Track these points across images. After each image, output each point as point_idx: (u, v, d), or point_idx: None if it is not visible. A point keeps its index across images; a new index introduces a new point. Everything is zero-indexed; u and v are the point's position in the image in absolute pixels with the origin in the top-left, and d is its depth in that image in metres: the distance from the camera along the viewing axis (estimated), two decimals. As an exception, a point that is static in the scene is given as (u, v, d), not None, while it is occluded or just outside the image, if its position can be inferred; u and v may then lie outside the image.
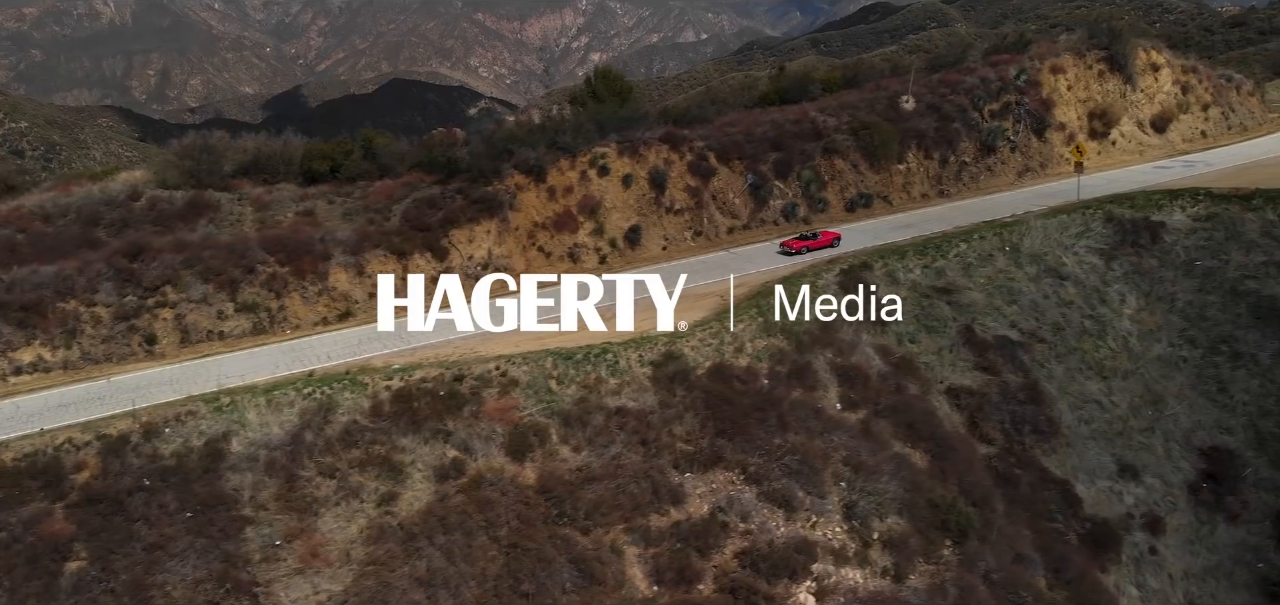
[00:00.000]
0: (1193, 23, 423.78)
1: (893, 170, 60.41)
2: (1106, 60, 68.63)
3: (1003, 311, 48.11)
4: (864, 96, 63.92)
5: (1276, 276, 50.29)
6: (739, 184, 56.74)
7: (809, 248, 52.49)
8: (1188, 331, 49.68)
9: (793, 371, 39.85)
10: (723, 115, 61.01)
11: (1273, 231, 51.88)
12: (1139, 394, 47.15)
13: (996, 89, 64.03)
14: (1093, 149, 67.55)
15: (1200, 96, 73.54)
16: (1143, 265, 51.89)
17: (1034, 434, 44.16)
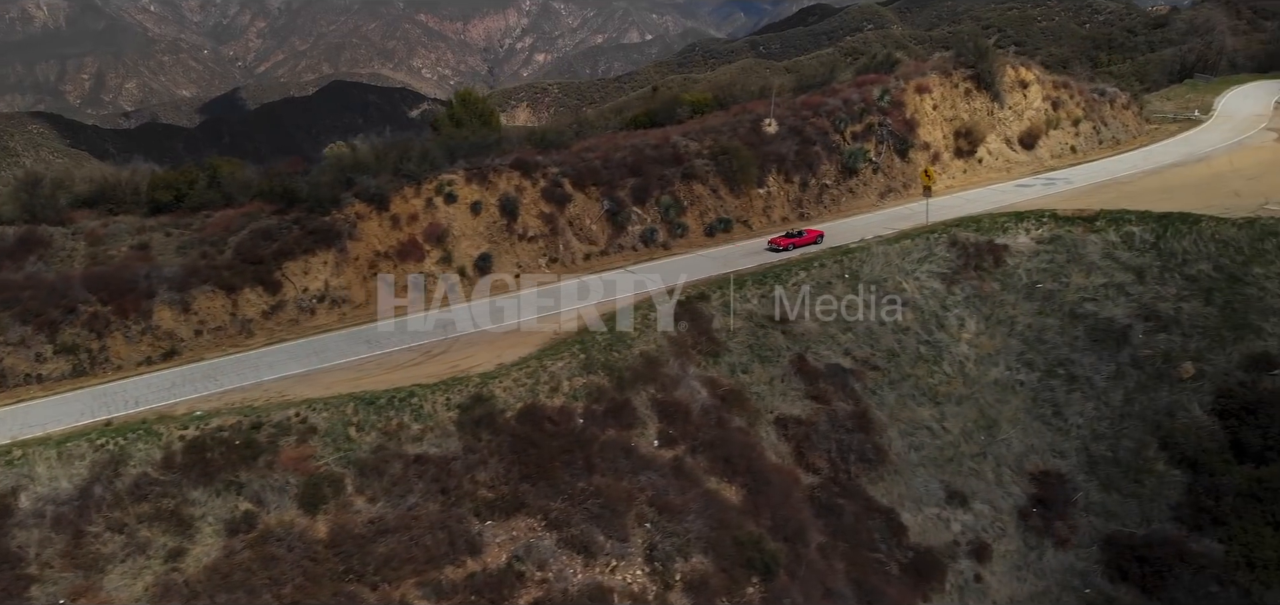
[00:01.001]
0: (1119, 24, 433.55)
1: (753, 194, 60.22)
2: (974, 78, 69.21)
3: (837, 339, 48.06)
4: (729, 119, 63.66)
5: (1115, 298, 50.95)
6: (596, 209, 56.09)
7: (795, 244, 54.44)
8: (1026, 355, 50.09)
9: (610, 409, 39.25)
10: (583, 139, 60.30)
11: (1113, 253, 52.58)
12: (972, 419, 47.40)
13: (859, 110, 64.16)
14: (959, 168, 68.16)
15: (1071, 112, 74.59)
16: (984, 289, 52.24)
17: (861, 462, 44.14)
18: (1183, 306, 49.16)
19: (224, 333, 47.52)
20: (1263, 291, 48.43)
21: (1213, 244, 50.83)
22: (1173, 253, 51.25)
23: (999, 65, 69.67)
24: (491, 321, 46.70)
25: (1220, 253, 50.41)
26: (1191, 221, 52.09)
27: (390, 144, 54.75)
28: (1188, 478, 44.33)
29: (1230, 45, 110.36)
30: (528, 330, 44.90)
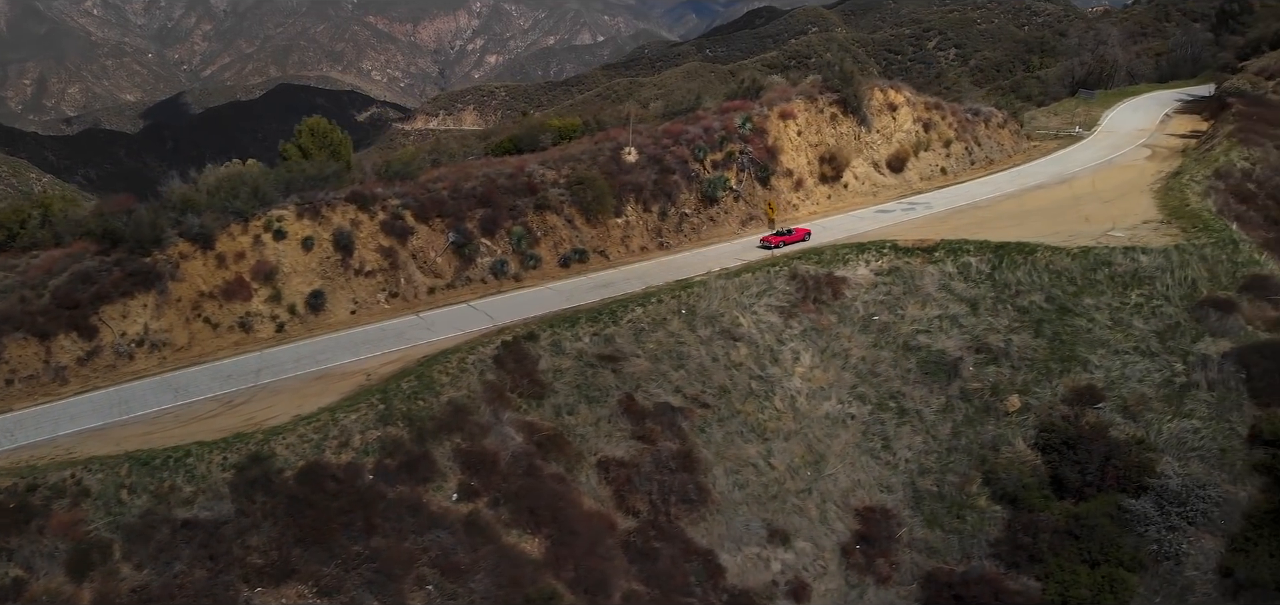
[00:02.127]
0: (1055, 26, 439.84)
1: (610, 224, 59.33)
2: (840, 103, 68.98)
3: (669, 377, 47.32)
4: (590, 147, 62.73)
5: (948, 330, 50.80)
6: (441, 242, 54.82)
7: (785, 243, 57.33)
8: (858, 388, 49.75)
9: (405, 464, 38.07)
10: (433, 169, 59.05)
11: (949, 284, 52.47)
12: (800, 455, 46.91)
13: (720, 139, 63.57)
14: (823, 193, 67.90)
15: (943, 133, 74.73)
16: (821, 322, 51.86)
17: (682, 503, 43.39)
18: (1013, 338, 49.13)
19: (37, 381, 45.46)
20: (1092, 323, 48.53)
21: (1046, 274, 50.90)
22: (1007, 284, 51.25)
23: (866, 89, 69.49)
24: (312, 364, 45.25)
25: (1053, 283, 50.48)
26: (1027, 251, 52.14)
27: (222, 179, 52.89)
28: (1008, 513, 44.18)
29: (1123, 57, 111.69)
30: (343, 373, 43.56)
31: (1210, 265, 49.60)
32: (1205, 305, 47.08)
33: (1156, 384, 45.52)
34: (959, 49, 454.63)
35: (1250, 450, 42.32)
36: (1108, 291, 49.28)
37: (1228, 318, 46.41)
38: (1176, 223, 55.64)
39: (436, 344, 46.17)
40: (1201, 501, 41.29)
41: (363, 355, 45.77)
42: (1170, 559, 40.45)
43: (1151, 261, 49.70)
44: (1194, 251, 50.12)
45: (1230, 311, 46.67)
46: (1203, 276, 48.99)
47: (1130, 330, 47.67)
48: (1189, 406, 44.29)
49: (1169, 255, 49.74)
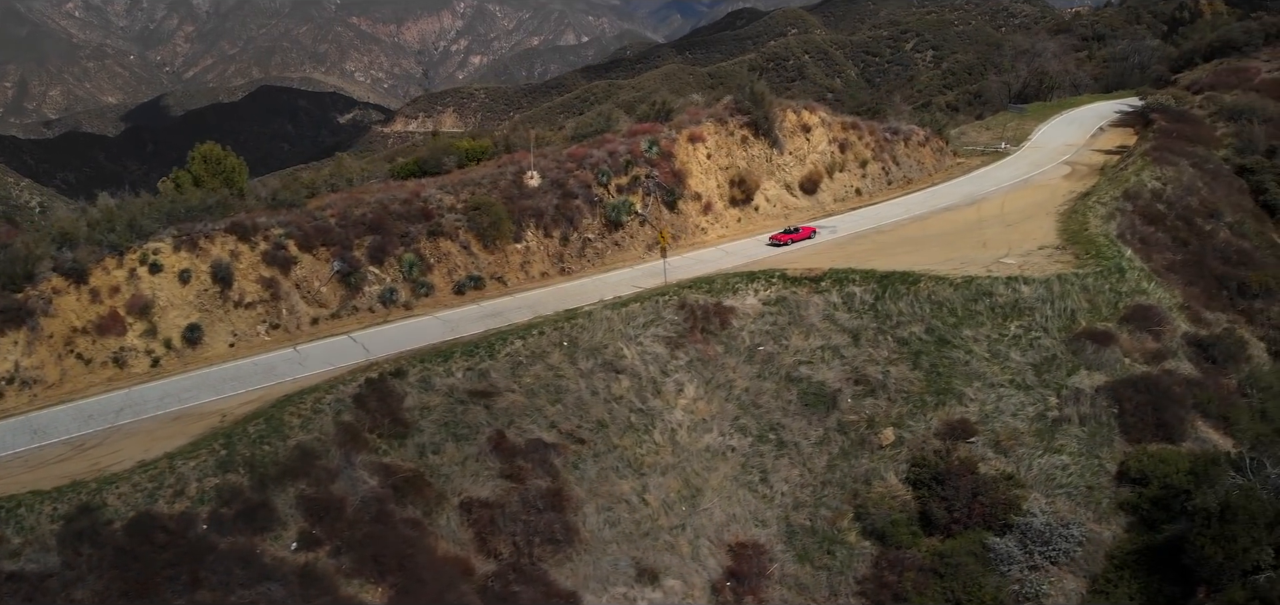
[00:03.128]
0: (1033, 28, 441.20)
1: (509, 250, 58.66)
2: (750, 125, 68.44)
3: (544, 412, 46.67)
4: (492, 171, 62.07)
5: (830, 361, 50.31)
6: (326, 271, 54.07)
7: (793, 240, 61.86)
8: (740, 420, 49.23)
9: (242, 512, 37.28)
10: (331, 193, 58.28)
11: (833, 314, 51.98)
12: (676, 490, 46.36)
13: (625, 162, 62.97)
14: (733, 216, 67.36)
15: (859, 153, 74.28)
16: (707, 352, 51.33)
17: (547, 543, 42.69)
18: (891, 370, 48.66)
19: (-101, 422, 44.59)
20: (969, 355, 48.09)
21: (928, 305, 50.44)
22: (889, 314, 50.78)
23: (777, 111, 68.96)
24: (176, 403, 44.46)
25: (933, 314, 50.02)
26: (911, 281, 51.68)
27: (103, 211, 52.03)
28: (877, 550, 43.69)
29: (1057, 68, 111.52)
30: (201, 414, 42.74)
31: (1091, 295, 49.22)
32: (1082, 337, 46.69)
33: (1030, 418, 45.11)
34: (936, 51, 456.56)
35: (1117, 488, 41.94)
36: (987, 323, 48.84)
37: (1104, 350, 46.02)
38: (1071, 249, 55.29)
39: (303, 380, 45.40)
40: (1065, 541, 40.84)
41: (227, 393, 44.98)
42: (1031, 600, 40.00)
43: (1032, 292, 49.28)
44: (1076, 281, 49.73)
45: (1107, 344, 46.29)
46: (1083, 307, 48.60)
47: (1007, 363, 47.26)
48: (1060, 442, 43.88)
49: (1050, 285, 49.33)
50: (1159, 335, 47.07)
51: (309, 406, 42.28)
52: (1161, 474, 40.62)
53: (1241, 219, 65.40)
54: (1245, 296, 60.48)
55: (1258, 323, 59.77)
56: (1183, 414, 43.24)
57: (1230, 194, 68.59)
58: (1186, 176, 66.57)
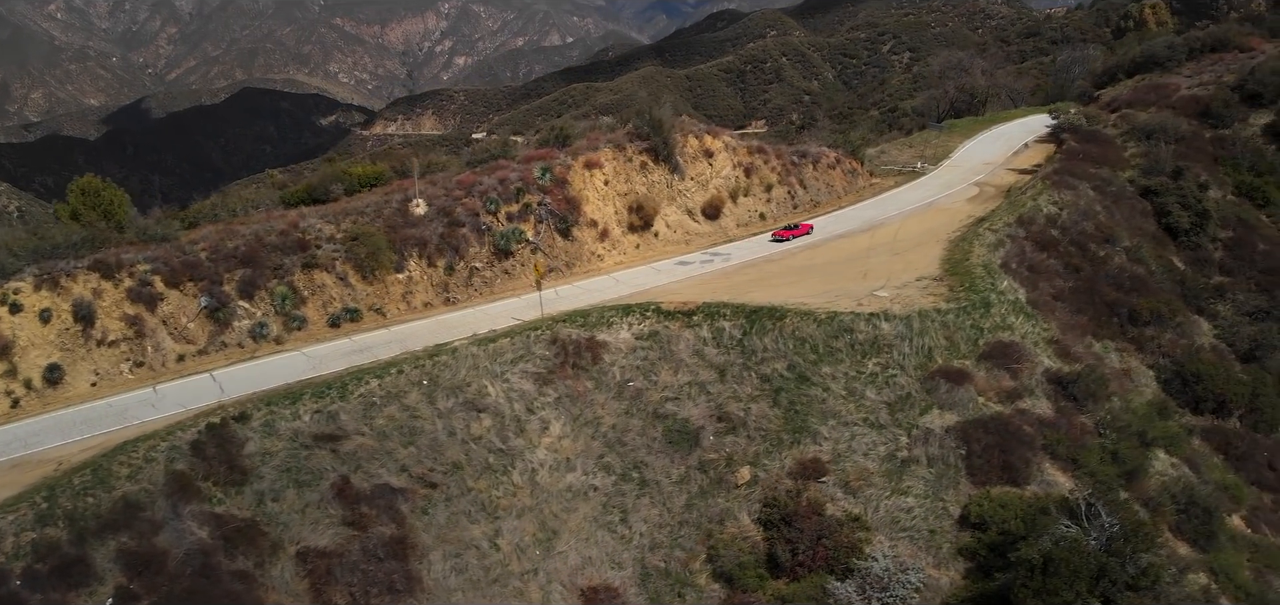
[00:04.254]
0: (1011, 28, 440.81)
1: (389, 280, 58.06)
2: (650, 151, 67.96)
3: (395, 455, 46.06)
4: (378, 198, 61.48)
5: (695, 398, 49.86)
6: (194, 307, 53.41)
7: (793, 236, 66.77)
8: (605, 458, 48.71)
9: (58, 568, 36.60)
10: (210, 225, 57.64)
11: (702, 350, 51.53)
12: (531, 533, 45.80)
13: (516, 190, 62.40)
14: (632, 243, 66.88)
15: (764, 177, 73.87)
16: (577, 388, 50.81)
17: (387, 594, 42.02)
18: (753, 407, 48.25)
19: None
20: (826, 393, 47.69)
21: (791, 341, 50.02)
22: (754, 350, 50.36)
23: (678, 137, 68.48)
24: (21, 448, 43.76)
25: (796, 350, 49.61)
26: (778, 316, 51.25)
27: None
28: (725, 592, 43.28)
29: (984, 84, 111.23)
30: (40, 461, 42.01)
31: (951, 332, 48.86)
32: (936, 376, 46.33)
33: (880, 458, 44.74)
34: (913, 53, 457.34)
35: (959, 532, 41.60)
36: (847, 360, 48.44)
37: (957, 389, 45.65)
38: (948, 280, 54.94)
39: (150, 424, 44.68)
40: (902, 587, 40.40)
41: (73, 438, 44.29)
42: (867, 646, 39.62)
43: (892, 329, 48.89)
44: (936, 318, 49.36)
45: (961, 383, 45.92)
46: (940, 344, 48.23)
47: (862, 401, 46.88)
48: (907, 483, 43.53)
49: (910, 322, 48.95)
50: (1016, 373, 46.72)
51: (142, 454, 41.61)
52: (1000, 519, 40.28)
53: (1139, 244, 65.20)
54: (1136, 324, 60.37)
55: (1148, 350, 59.71)
56: (1030, 456, 42.91)
57: (1132, 217, 68.38)
58: (1084, 201, 66.29)
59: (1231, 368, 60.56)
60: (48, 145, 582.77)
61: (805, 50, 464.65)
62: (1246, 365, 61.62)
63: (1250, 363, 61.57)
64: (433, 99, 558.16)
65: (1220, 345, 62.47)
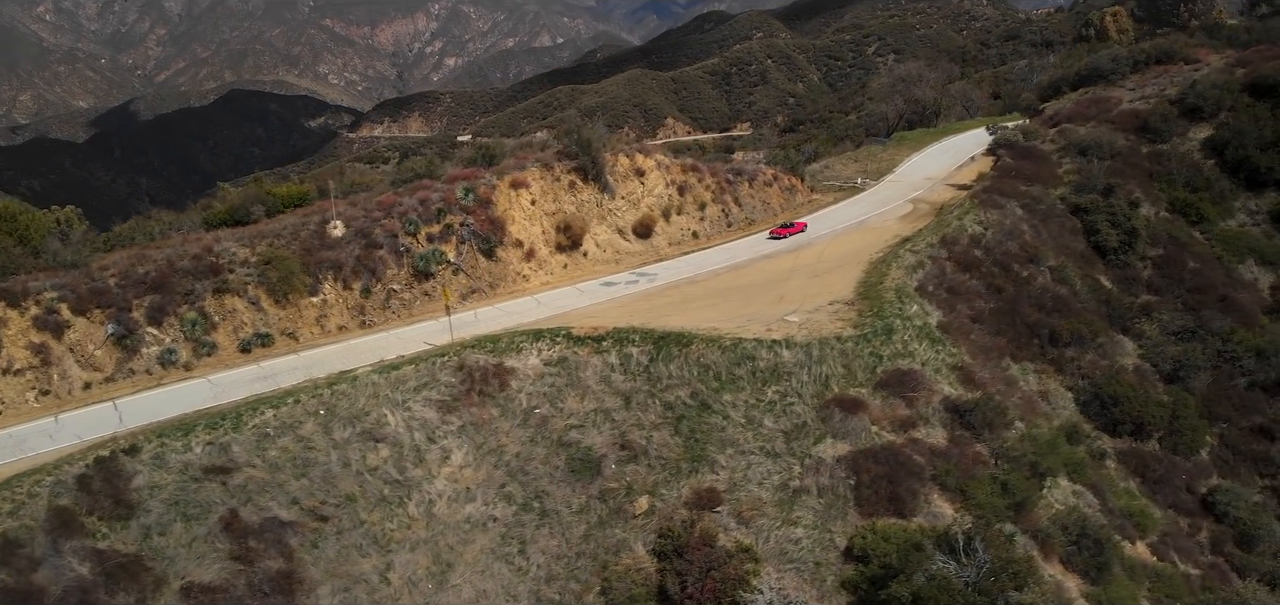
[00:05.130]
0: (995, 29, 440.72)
1: (303, 304, 57.82)
2: (578, 170, 67.78)
3: (287, 488, 45.80)
4: (297, 220, 61.22)
5: (600, 426, 49.68)
6: (101, 334, 53.16)
7: (790, 233, 70.30)
8: (507, 488, 48.51)
9: (-78, 610, 36.50)
10: (126, 249, 57.38)
11: (609, 376, 51.36)
12: (424, 566, 45.58)
13: (438, 210, 62.18)
14: (559, 262, 66.69)
15: (698, 196, 73.72)
16: (482, 416, 50.61)
17: (272, 629, 42.09)
18: (655, 435, 48.09)
19: None
20: (727, 421, 47.55)
21: (695, 368, 49.87)
22: (659, 377, 50.20)
23: (608, 156, 68.32)
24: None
25: (699, 378, 49.46)
26: (684, 343, 51.10)
27: None
28: (616, 625, 43.14)
29: (933, 97, 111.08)
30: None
31: (849, 360, 48.75)
32: (831, 405, 46.21)
33: (774, 488, 44.61)
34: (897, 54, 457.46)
35: (843, 564, 41.46)
36: (747, 387, 48.31)
37: (851, 418, 45.55)
38: (859, 304, 54.85)
39: (43, 456, 44.46)
40: (785, 620, 40.34)
41: (-36, 472, 44.02)
42: (749, 681, 39.50)
43: (792, 356, 48.77)
44: (836, 345, 49.24)
45: (855, 411, 45.81)
46: (838, 372, 48.11)
47: (760, 429, 46.75)
48: (797, 513, 43.40)
49: (809, 350, 48.83)
50: (912, 401, 46.62)
51: (26, 489, 41.36)
52: (881, 552, 40.14)
53: (1065, 263, 65.14)
54: (1056, 345, 60.37)
55: (1067, 372, 59.71)
56: (917, 487, 42.80)
57: (1060, 236, 68.32)
58: (1011, 220, 66.22)
59: (1153, 389, 60.60)
60: (35, 148, 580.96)
61: (791, 52, 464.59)
62: (1170, 386, 61.64)
63: (1174, 383, 61.57)
64: (420, 101, 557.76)
65: (1144, 366, 62.41)
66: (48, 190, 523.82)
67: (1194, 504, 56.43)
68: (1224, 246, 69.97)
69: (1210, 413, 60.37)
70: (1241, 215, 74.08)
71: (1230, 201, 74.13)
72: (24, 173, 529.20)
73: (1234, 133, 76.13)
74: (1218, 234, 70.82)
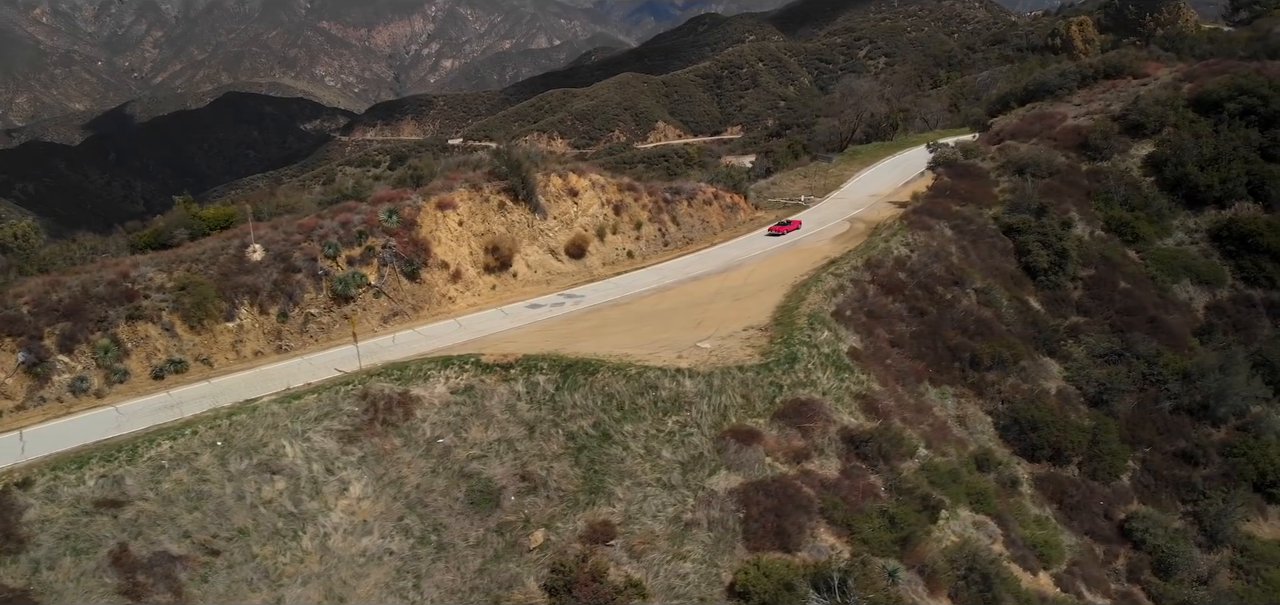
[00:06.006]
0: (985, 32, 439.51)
1: (218, 330, 57.58)
2: (508, 191, 67.53)
3: (179, 521, 45.51)
4: (218, 244, 60.98)
5: (502, 456, 49.37)
6: (12, 363, 52.95)
7: (787, 231, 74.96)
8: (405, 520, 48.18)
9: None
10: (41, 276, 57.19)
11: (515, 405, 51.03)
12: (316, 600, 45.18)
13: (359, 233, 61.90)
14: (487, 284, 66.41)
15: (634, 215, 73.44)
16: (384, 446, 50.31)
17: (155, 665, 41.85)
18: (555, 466, 47.79)
19: None
20: (626, 452, 47.26)
21: (600, 397, 49.59)
22: (564, 406, 49.92)
23: (538, 177, 68.05)
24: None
25: (603, 407, 49.18)
26: (591, 371, 50.81)
27: None
28: (505, 662, 42.86)
29: (881, 111, 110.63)
30: None
31: (748, 390, 48.45)
32: (727, 436, 45.92)
33: (667, 521, 44.30)
34: (888, 58, 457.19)
35: (727, 600, 41.14)
36: (649, 417, 48.03)
37: (746, 450, 45.26)
38: (772, 330, 54.54)
39: (-70, 491, 44.23)
40: (666, 658, 40.06)
41: None
42: (628, 719, 39.22)
43: (694, 386, 48.48)
44: (736, 375, 48.94)
45: (750, 443, 45.52)
46: (737, 402, 47.83)
47: (659, 461, 46.48)
48: (687, 547, 43.07)
49: (710, 379, 48.54)
50: (808, 432, 46.33)
51: (-94, 527, 41.12)
52: (761, 589, 39.84)
53: (991, 285, 64.84)
54: (977, 369, 60.10)
55: (988, 396, 59.44)
56: (804, 521, 42.50)
57: (991, 257, 68.00)
58: (939, 241, 65.89)
59: (1076, 413, 60.35)
60: (29, 151, 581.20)
61: (782, 56, 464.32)
62: (1094, 409, 61.37)
63: (1098, 407, 61.32)
64: (413, 105, 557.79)
65: (1069, 389, 62.14)
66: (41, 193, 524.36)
67: (1112, 530, 56.12)
68: (1159, 266, 69.60)
69: (1134, 437, 60.02)
70: (1179, 234, 73.72)
71: (1168, 220, 73.77)
72: (18, 176, 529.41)
73: (1174, 150, 75.79)
74: (1153, 254, 70.47)
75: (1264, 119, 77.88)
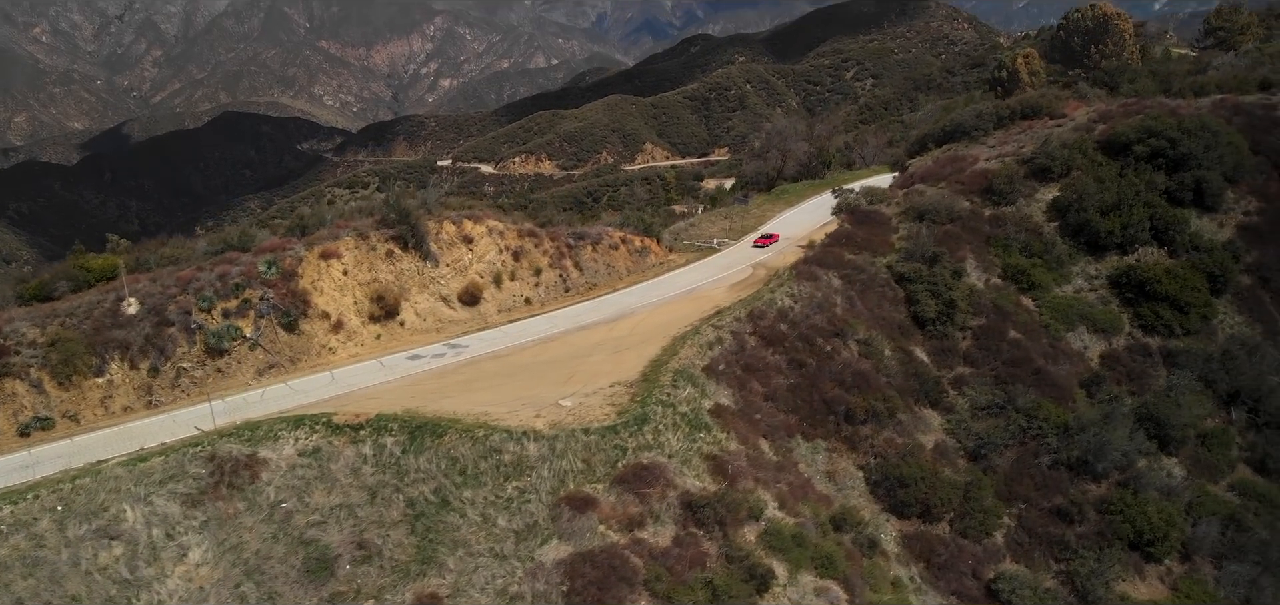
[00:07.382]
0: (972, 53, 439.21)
1: (87, 386, 57.02)
2: (397, 239, 67.03)
3: (12, 588, 44.72)
4: (95, 297, 60.48)
5: (342, 522, 48.46)
6: None
7: (771, 243, 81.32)
8: (242, 588, 47.28)
9: None
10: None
11: (360, 468, 50.24)
12: (143, 669, 44.68)
13: (236, 285, 61.35)
14: (372, 334, 65.82)
15: (534, 261, 72.86)
16: (227, 511, 49.52)
17: None
18: (391, 534, 47.00)
19: None
20: (463, 520, 46.49)
21: (444, 461, 48.83)
22: (408, 470, 49.16)
23: (430, 225, 67.55)
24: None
25: (446, 472, 48.42)
26: (438, 433, 50.09)
27: None
28: None
29: (804, 151, 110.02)
30: None
31: (590, 454, 47.69)
32: (562, 503, 45.18)
33: (495, 593, 43.50)
34: (875, 79, 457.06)
35: (541, 678, 40.35)
36: (489, 483, 47.27)
37: (580, 517, 44.49)
38: (638, 387, 53.84)
39: None
40: None
41: None
42: None
43: (537, 450, 47.75)
44: (580, 438, 48.19)
45: (584, 510, 44.76)
46: (576, 468, 47.07)
47: (494, 529, 45.71)
48: (510, 622, 42.32)
49: (553, 443, 47.80)
50: (646, 498, 45.56)
51: None
52: (570, 670, 39.05)
53: (875, 336, 64.11)
54: (851, 423, 59.35)
55: (861, 450, 58.68)
56: (625, 593, 41.69)
57: (880, 307, 67.28)
58: (824, 291, 65.21)
59: (953, 468, 59.53)
60: (24, 171, 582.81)
61: (770, 78, 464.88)
62: (974, 464, 60.54)
63: (977, 461, 60.51)
64: (405, 125, 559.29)
65: (948, 442, 61.34)
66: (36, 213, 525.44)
67: (979, 591, 55.24)
68: (1053, 314, 68.83)
69: (1010, 493, 59.16)
70: (1079, 280, 72.95)
71: (1068, 266, 73.00)
72: (12, 195, 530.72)
73: (1077, 194, 75.09)
74: (1048, 301, 69.70)
75: (1172, 162, 77.09)
